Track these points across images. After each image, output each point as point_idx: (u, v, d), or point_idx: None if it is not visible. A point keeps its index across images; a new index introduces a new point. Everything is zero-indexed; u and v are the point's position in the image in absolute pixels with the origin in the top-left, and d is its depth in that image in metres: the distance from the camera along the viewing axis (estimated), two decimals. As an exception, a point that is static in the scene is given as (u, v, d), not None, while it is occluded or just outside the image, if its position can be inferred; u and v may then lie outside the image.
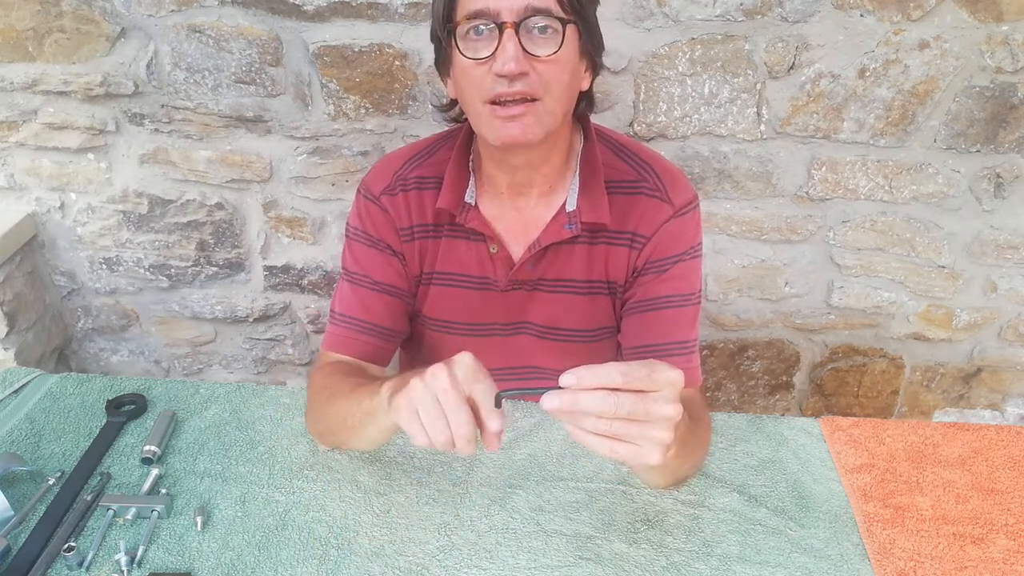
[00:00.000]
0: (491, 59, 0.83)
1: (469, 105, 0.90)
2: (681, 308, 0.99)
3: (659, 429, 0.64)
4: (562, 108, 0.89)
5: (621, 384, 0.63)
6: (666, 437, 0.65)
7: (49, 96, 1.63)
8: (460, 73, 0.88)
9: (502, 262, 1.01)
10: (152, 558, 0.84)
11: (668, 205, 0.98)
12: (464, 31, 0.85)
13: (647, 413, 0.63)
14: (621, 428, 0.64)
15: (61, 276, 1.87)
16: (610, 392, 0.63)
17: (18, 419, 1.04)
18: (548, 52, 0.84)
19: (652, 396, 0.63)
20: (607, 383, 0.63)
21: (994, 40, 1.48)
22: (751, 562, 0.86)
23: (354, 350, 1.01)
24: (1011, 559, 0.88)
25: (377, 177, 1.03)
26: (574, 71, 0.89)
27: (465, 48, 0.85)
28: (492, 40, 0.83)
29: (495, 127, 0.87)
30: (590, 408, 0.63)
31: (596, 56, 0.93)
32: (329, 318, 1.04)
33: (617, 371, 0.63)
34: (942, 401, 1.94)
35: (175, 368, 2.02)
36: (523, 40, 0.83)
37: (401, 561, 0.85)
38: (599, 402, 0.63)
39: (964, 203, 1.65)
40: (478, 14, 0.83)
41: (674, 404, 0.64)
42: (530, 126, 0.86)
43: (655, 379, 0.63)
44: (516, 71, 0.82)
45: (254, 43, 1.55)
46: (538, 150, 0.92)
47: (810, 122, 1.58)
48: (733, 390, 1.97)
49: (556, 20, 0.84)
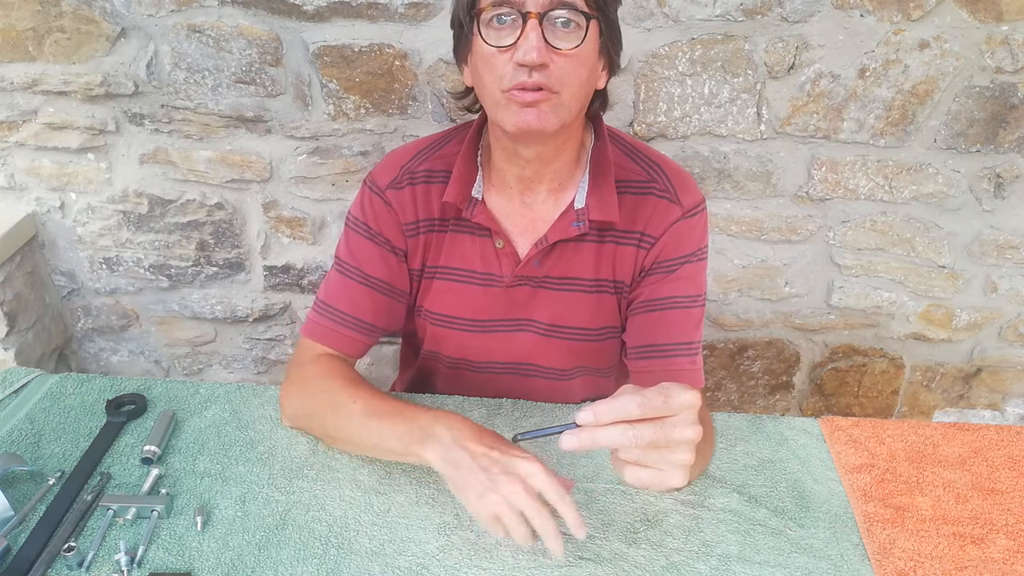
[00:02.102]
0: (513, 48, 0.84)
1: (487, 92, 0.89)
2: (688, 309, 1.00)
3: (681, 452, 0.65)
4: (578, 103, 0.90)
5: (639, 416, 0.63)
6: (688, 459, 0.65)
7: (49, 96, 1.63)
8: (480, 60, 0.88)
9: (508, 258, 1.01)
10: (152, 558, 0.84)
11: (678, 206, 0.99)
12: (488, 18, 0.85)
13: (668, 440, 0.64)
14: (642, 455, 0.65)
15: (61, 276, 1.87)
16: (629, 425, 0.63)
17: (18, 419, 1.04)
18: (570, 46, 0.84)
19: (671, 422, 0.64)
20: (624, 417, 0.63)
21: (994, 40, 1.48)
22: (751, 562, 0.86)
23: (336, 343, 1.02)
24: (1011, 559, 0.88)
25: (384, 170, 1.03)
26: (592, 68, 0.89)
27: (487, 35, 0.85)
28: (515, 29, 0.83)
29: (512, 112, 0.87)
30: (610, 443, 0.64)
31: (614, 55, 0.93)
32: (314, 304, 1.04)
33: (634, 403, 0.63)
34: (942, 401, 1.94)
35: (175, 368, 2.02)
36: (546, 32, 0.83)
37: (401, 561, 0.85)
38: (619, 437, 0.63)
39: (964, 203, 1.66)
40: (503, 2, 0.83)
41: (693, 426, 0.65)
42: (546, 114, 0.86)
43: (672, 405, 0.64)
44: (537, 61, 0.82)
45: (254, 43, 1.55)
46: (551, 142, 0.93)
47: (810, 122, 1.58)
48: (733, 390, 1.97)
49: (580, 14, 0.84)
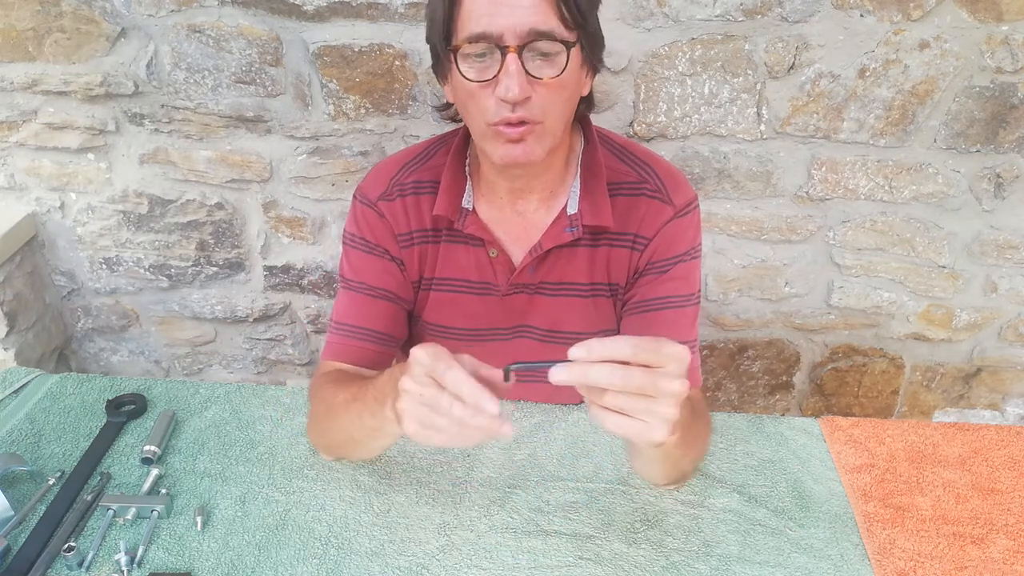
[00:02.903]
0: (494, 81, 0.82)
1: (472, 122, 0.89)
2: (681, 308, 0.99)
3: (666, 405, 0.64)
4: (564, 125, 0.89)
5: (630, 356, 0.63)
6: (672, 414, 0.65)
7: (49, 96, 1.63)
8: (461, 92, 0.87)
9: (502, 266, 1.00)
10: (152, 558, 0.84)
11: (669, 206, 0.98)
12: (466, 53, 0.83)
13: (655, 388, 0.63)
14: (628, 403, 0.64)
15: (61, 276, 1.87)
16: (619, 365, 0.63)
17: (18, 419, 1.04)
18: (552, 74, 0.83)
19: (660, 371, 0.64)
20: (617, 355, 0.63)
21: (994, 40, 1.48)
22: (751, 562, 0.86)
23: (351, 356, 1.01)
24: (1011, 559, 0.88)
25: (373, 183, 1.02)
26: (576, 84, 0.89)
27: (467, 69, 0.84)
28: (494, 63, 0.82)
29: (498, 147, 0.87)
30: (599, 380, 0.63)
31: (596, 59, 0.92)
32: (329, 328, 1.04)
33: (627, 343, 0.63)
34: (942, 401, 1.94)
35: (175, 368, 2.02)
36: (526, 63, 0.81)
37: (401, 561, 0.85)
38: (608, 374, 0.63)
39: (964, 203, 1.65)
40: (480, 37, 0.81)
41: (681, 380, 0.65)
42: (532, 147, 0.86)
43: (663, 353, 0.64)
44: (520, 97, 0.81)
45: (254, 43, 1.55)
46: (539, 165, 0.92)
47: (810, 122, 1.58)
48: (733, 390, 1.97)
49: (560, 44, 0.82)
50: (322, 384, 0.97)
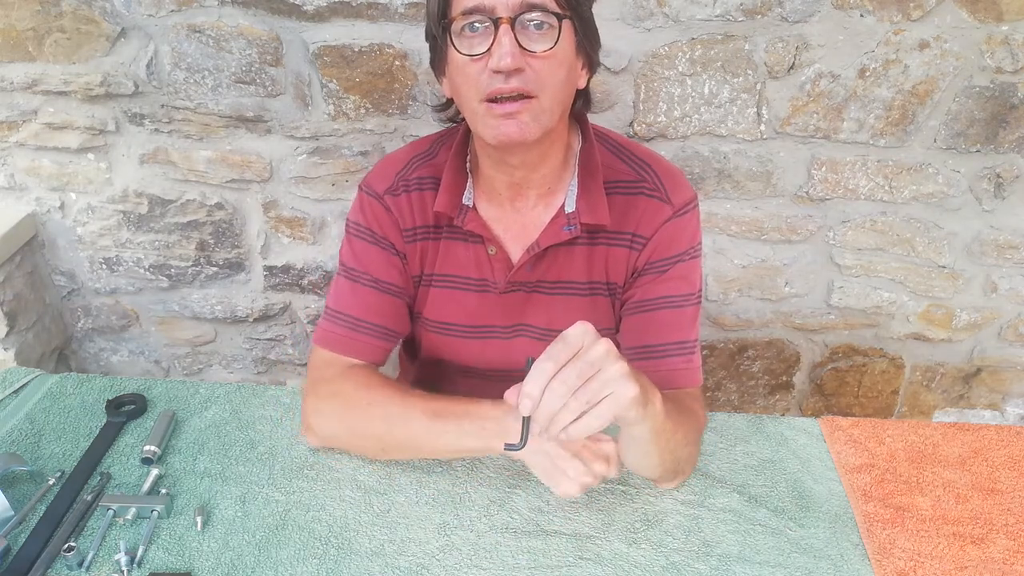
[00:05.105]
0: (487, 55, 0.83)
1: (465, 103, 0.89)
2: (681, 308, 0.99)
3: (610, 368, 0.69)
4: (559, 106, 0.89)
5: (555, 370, 0.68)
6: (622, 367, 0.69)
7: (49, 96, 1.63)
8: (456, 71, 0.88)
9: (501, 264, 1.00)
10: (152, 558, 0.84)
11: (668, 205, 0.98)
12: (459, 28, 0.85)
13: (590, 365, 0.68)
14: (586, 394, 0.68)
15: (61, 276, 1.87)
16: (553, 381, 0.68)
17: (18, 419, 1.04)
18: (544, 48, 0.84)
19: (580, 352, 0.69)
20: (547, 377, 0.68)
21: (994, 40, 1.48)
22: (751, 562, 0.86)
23: (358, 352, 1.01)
24: (1011, 559, 0.88)
25: (380, 177, 1.03)
26: (570, 68, 0.89)
27: (460, 45, 0.85)
28: (487, 36, 0.83)
29: (492, 125, 0.86)
30: (554, 407, 0.68)
31: (593, 53, 0.93)
32: (325, 314, 1.03)
33: (542, 361, 0.69)
34: (942, 401, 1.94)
35: (175, 368, 2.02)
36: (519, 36, 0.83)
37: (401, 561, 0.85)
38: (554, 397, 0.68)
39: (964, 203, 1.65)
40: (474, 10, 0.83)
41: (602, 341, 0.70)
42: (527, 124, 0.86)
43: (568, 342, 0.69)
44: (512, 66, 0.82)
45: (254, 43, 1.55)
46: (535, 149, 0.92)
47: (810, 122, 1.58)
48: (733, 390, 1.97)
49: (552, 15, 0.84)
50: (355, 385, 0.97)
